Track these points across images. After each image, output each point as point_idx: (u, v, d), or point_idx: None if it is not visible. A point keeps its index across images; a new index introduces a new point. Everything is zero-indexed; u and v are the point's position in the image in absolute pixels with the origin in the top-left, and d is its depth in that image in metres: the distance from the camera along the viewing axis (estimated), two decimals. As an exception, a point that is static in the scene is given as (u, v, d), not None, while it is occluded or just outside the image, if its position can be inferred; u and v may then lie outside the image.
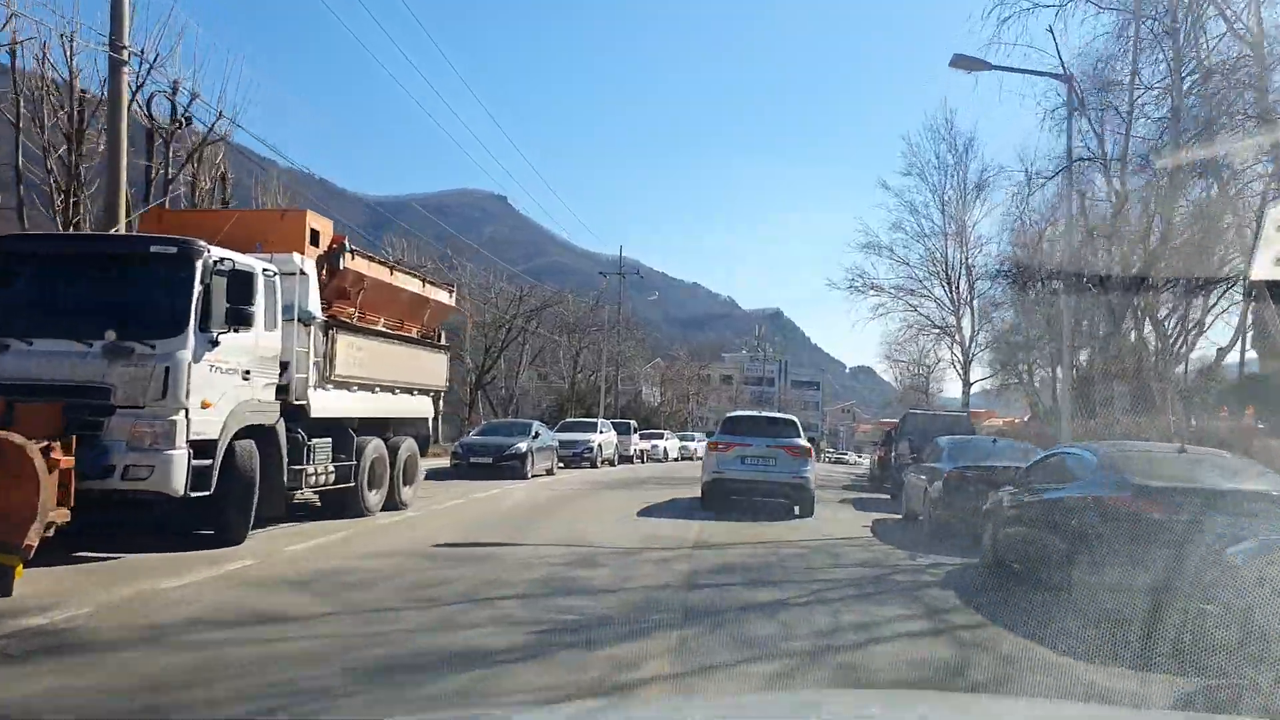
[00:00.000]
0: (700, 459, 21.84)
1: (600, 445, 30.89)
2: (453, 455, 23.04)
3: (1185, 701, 5.20)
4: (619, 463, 34.13)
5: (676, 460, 43.24)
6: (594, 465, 30.17)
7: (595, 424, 32.04)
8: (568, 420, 33.60)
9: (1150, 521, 7.19)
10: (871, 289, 34.21)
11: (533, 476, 22.82)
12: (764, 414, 20.10)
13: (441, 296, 15.87)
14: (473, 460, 22.34)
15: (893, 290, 33.99)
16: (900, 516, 16.28)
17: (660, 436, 42.52)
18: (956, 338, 33.35)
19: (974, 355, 33.45)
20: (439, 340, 16.12)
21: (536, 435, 23.85)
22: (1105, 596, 7.29)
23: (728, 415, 19.34)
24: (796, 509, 16.16)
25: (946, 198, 34.44)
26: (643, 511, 15.72)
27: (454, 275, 38.57)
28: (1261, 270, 10.37)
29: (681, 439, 47.77)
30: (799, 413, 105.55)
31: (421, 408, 15.08)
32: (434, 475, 20.28)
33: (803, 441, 16.64)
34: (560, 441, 29.39)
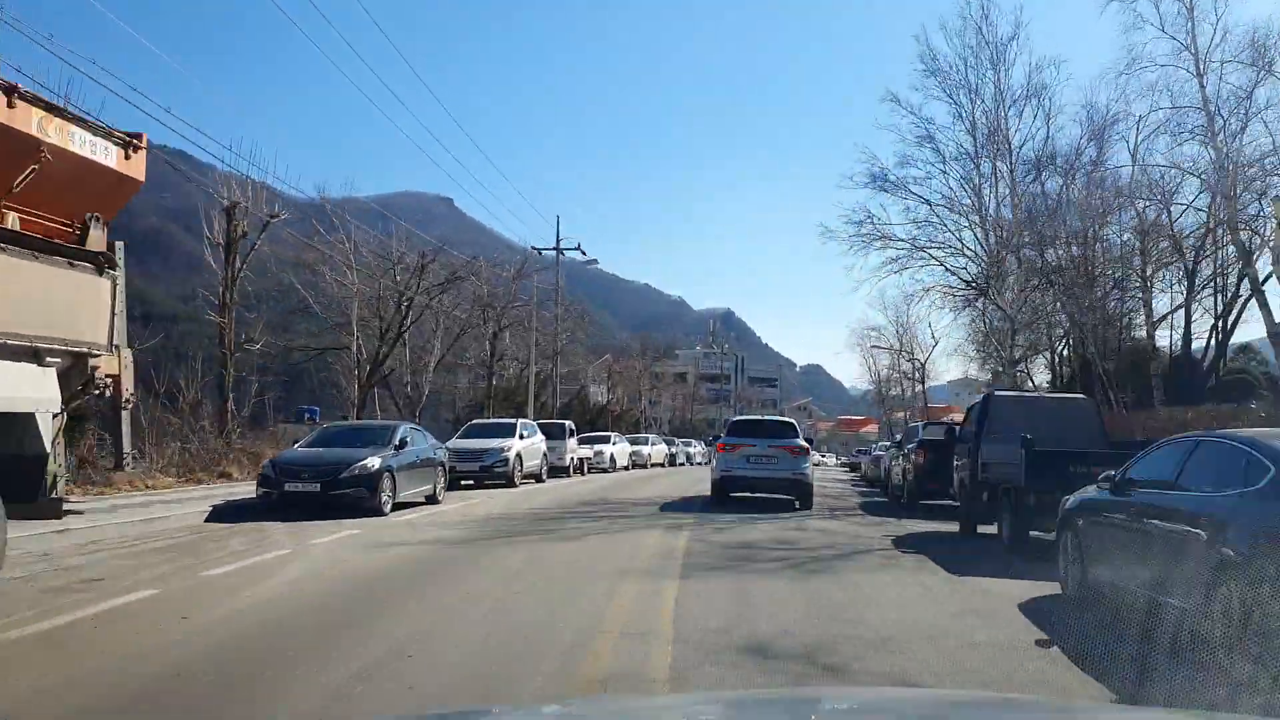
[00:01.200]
0: (655, 465, 24.22)
1: (519, 455, 22.39)
2: (260, 479, 14.30)
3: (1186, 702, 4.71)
4: (549, 476, 25.69)
5: (627, 470, 34.77)
6: (509, 483, 21.68)
7: (513, 426, 23.49)
8: (476, 422, 25.00)
9: None
10: (881, 240, 25.88)
11: (393, 511, 14.25)
12: (766, 417, 21.99)
13: (90, 149, 7.24)
14: (288, 488, 13.65)
15: (907, 241, 25.76)
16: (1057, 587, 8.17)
17: (606, 440, 34.03)
18: (992, 298, 25.10)
19: (1019, 321, 25.26)
20: (83, 246, 7.48)
21: (402, 445, 15.24)
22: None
23: (732, 419, 20.85)
24: (797, 503, 17.11)
25: (979, 116, 25.94)
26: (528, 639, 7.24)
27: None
28: None
29: (633, 443, 39.32)
30: (758, 410, 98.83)
31: (27, 389, 6.48)
32: (235, 514, 11.71)
33: (801, 441, 17.88)
34: (457, 451, 20.86)
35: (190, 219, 37.89)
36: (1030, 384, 33.50)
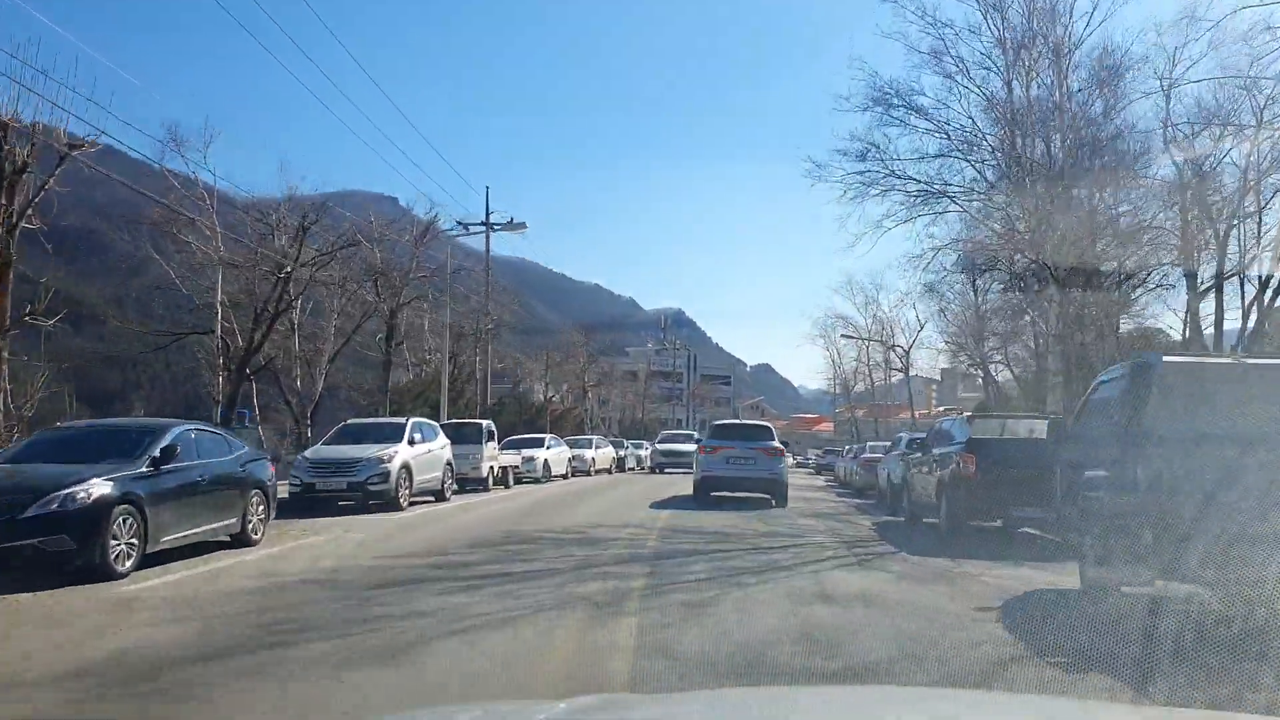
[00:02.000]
0: (600, 471, 25.41)
1: (407, 466, 16.43)
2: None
3: (1185, 700, 4.56)
4: (461, 492, 19.84)
5: (565, 478, 28.88)
6: (393, 504, 15.80)
7: (401, 427, 17.46)
8: (351, 423, 18.83)
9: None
10: (888, 179, 20.04)
11: (140, 568, 8.30)
12: (745, 421, 26.26)
13: None
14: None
15: (923, 183, 19.98)
16: None
17: (539, 444, 28.02)
18: (1027, 251, 19.35)
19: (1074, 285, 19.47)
20: None
21: (165, 457, 9.21)
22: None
23: (714, 423, 22.53)
24: (773, 500, 17.90)
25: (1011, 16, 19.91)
26: None
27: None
28: None
29: (574, 446, 33.38)
30: (712, 406, 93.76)
31: None
32: None
33: (776, 444, 18.86)
34: (317, 463, 15.00)
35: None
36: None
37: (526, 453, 26.23)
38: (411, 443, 17.07)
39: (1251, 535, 6.18)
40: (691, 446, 31.95)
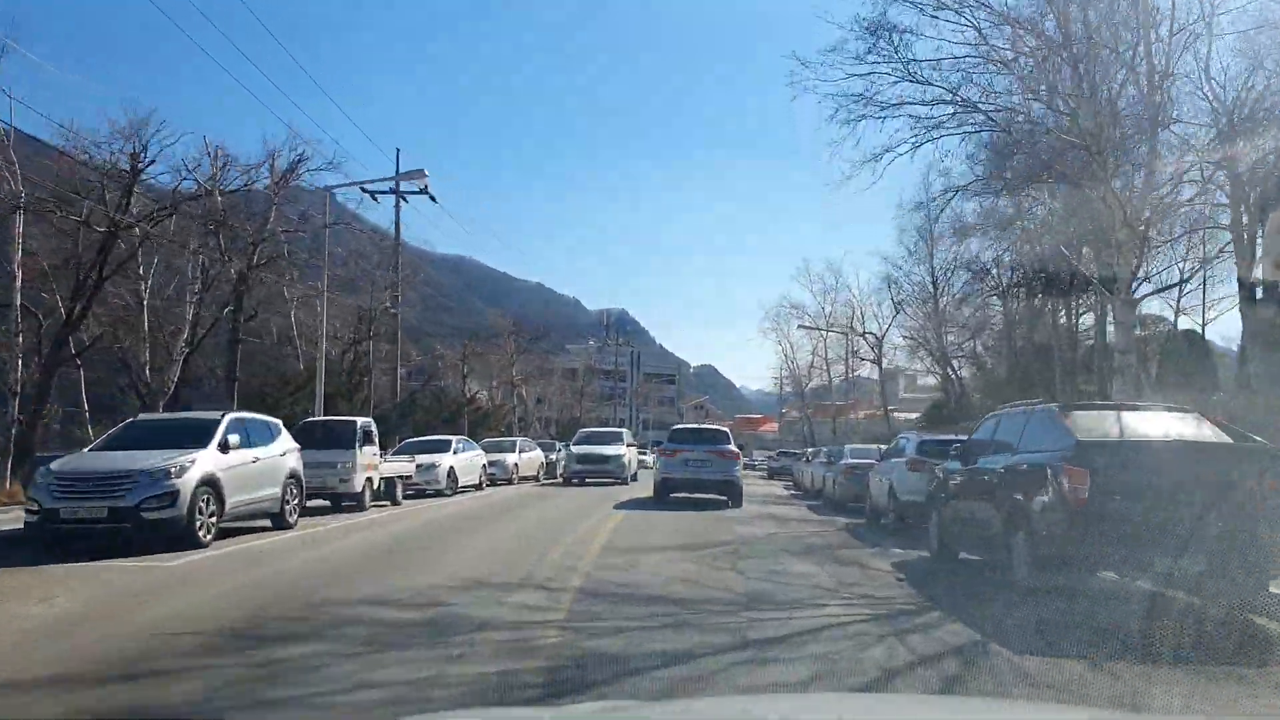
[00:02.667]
0: (526, 479, 25.90)
1: (209, 485, 11.09)
2: None
3: (1184, 705, 4.79)
4: (325, 512, 14.74)
5: (477, 489, 23.60)
6: (187, 539, 10.59)
7: (208, 426, 12.01)
8: (134, 421, 13.07)
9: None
10: (899, 86, 14.74)
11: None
12: (703, 426, 26.41)
13: None
14: None
15: (949, 90, 14.85)
16: None
17: (443, 448, 22.63)
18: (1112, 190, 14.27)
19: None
20: None
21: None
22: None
23: (674, 428, 23.29)
24: (728, 500, 18.69)
25: None
26: None
27: None
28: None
29: (495, 450, 28.10)
30: (656, 407, 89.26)
31: None
32: None
33: (732, 447, 19.56)
34: (67, 477, 9.91)
35: None
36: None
37: (425, 459, 20.85)
38: (225, 448, 11.70)
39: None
40: (619, 449, 26.90)
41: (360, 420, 17.52)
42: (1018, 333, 38.28)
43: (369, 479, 16.86)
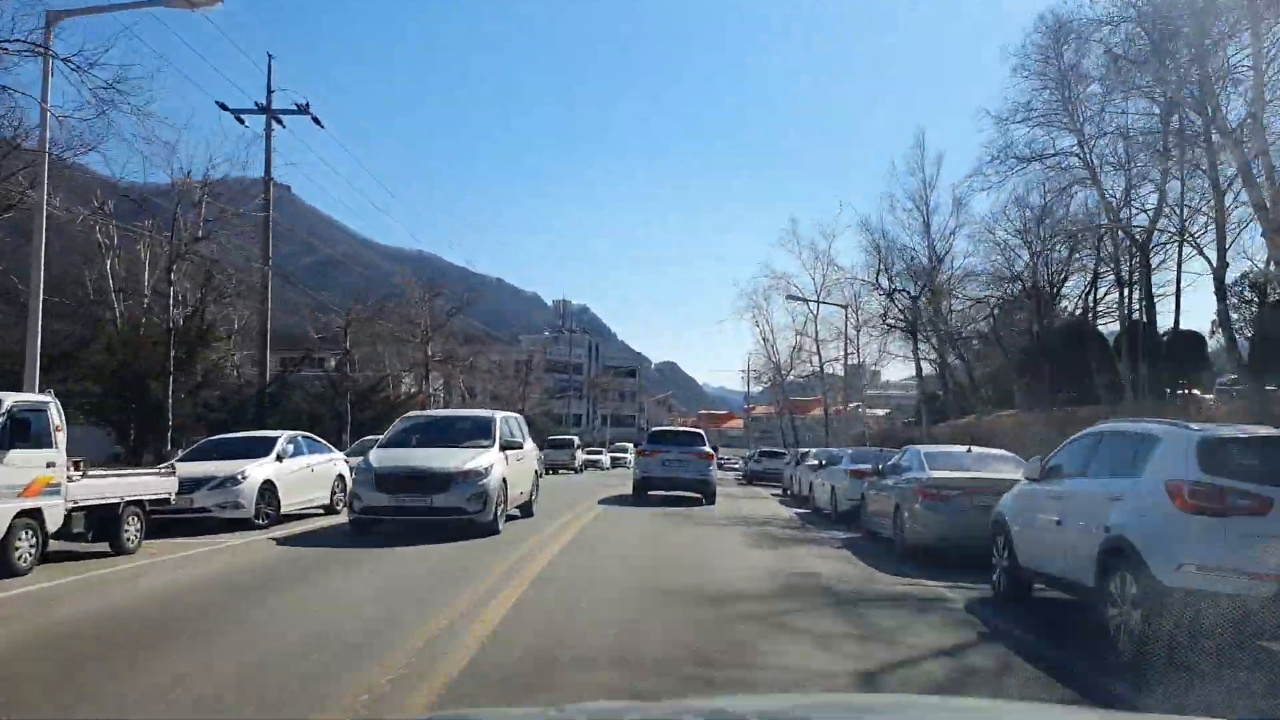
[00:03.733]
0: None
1: None
2: None
3: (1178, 706, 4.81)
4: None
5: (329, 511, 15.71)
6: None
7: None
8: None
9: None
10: None
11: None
12: (679, 428, 28.07)
13: None
14: None
15: None
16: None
17: (261, 450, 13.92)
18: None
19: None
20: None
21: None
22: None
23: (652, 430, 26.61)
24: (703, 499, 19.81)
25: None
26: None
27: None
28: None
29: (359, 454, 20.67)
30: (615, 402, 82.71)
31: None
32: None
33: (707, 448, 20.92)
34: None
35: None
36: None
37: (217, 468, 13.37)
38: None
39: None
40: (475, 459, 19.21)
41: (42, 399, 10.02)
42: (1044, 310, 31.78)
43: (66, 510, 9.70)
